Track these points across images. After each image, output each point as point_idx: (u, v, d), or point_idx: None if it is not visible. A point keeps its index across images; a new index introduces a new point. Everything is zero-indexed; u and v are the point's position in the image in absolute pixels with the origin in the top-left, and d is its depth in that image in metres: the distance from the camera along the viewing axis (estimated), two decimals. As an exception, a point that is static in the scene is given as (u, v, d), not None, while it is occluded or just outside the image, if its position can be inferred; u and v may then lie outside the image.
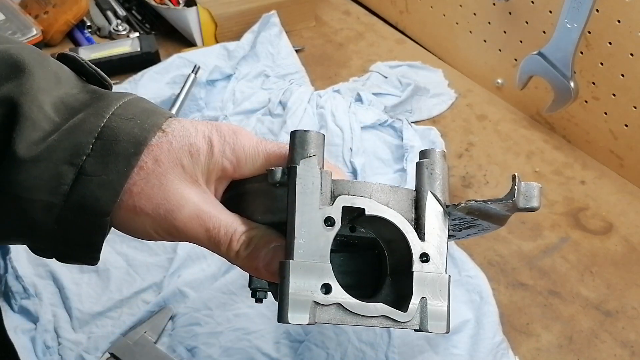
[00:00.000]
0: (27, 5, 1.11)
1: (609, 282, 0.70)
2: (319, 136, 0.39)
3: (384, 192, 0.39)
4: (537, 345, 0.64)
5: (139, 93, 0.91)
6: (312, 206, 0.37)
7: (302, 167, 0.37)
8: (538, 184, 0.39)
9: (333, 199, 0.38)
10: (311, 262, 0.36)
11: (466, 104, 0.97)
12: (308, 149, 0.38)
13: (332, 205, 0.37)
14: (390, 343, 0.58)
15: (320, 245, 0.36)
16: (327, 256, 0.36)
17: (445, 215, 0.39)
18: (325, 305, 0.36)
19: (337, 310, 0.36)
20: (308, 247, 0.36)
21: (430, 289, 0.38)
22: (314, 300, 0.36)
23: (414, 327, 0.38)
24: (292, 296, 0.35)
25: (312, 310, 0.36)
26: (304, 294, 0.36)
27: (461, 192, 0.81)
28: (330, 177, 0.38)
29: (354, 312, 0.36)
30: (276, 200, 0.39)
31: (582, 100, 0.85)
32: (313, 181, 0.37)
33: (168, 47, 1.05)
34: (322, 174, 0.38)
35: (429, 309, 0.38)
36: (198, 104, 0.90)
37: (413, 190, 0.40)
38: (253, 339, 0.60)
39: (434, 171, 0.40)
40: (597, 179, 0.84)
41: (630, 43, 0.75)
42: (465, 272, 0.67)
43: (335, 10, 1.22)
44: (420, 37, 1.13)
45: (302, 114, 0.83)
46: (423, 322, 0.38)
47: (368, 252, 0.42)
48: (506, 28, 0.93)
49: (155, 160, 0.38)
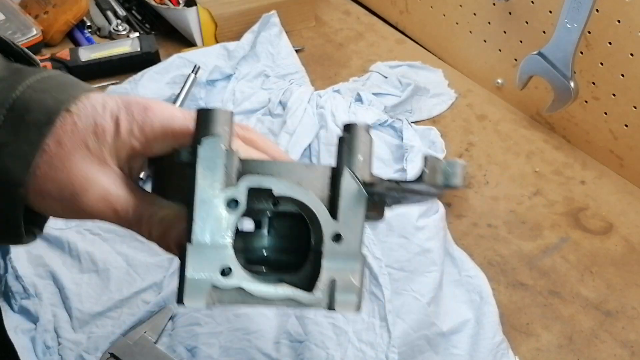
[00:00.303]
0: (27, 5, 1.11)
1: (609, 282, 0.70)
2: (225, 114, 0.36)
3: (296, 171, 0.37)
4: (537, 345, 0.64)
5: (139, 93, 0.92)
6: (214, 188, 0.36)
7: (204, 147, 0.36)
8: (462, 161, 0.34)
9: (239, 177, 0.36)
10: (211, 245, 0.35)
11: (466, 104, 0.97)
12: (212, 128, 0.36)
13: (236, 186, 0.36)
14: (390, 343, 0.58)
15: (221, 227, 0.36)
16: (228, 239, 0.36)
17: (362, 193, 0.37)
18: (226, 290, 0.36)
19: (238, 292, 0.36)
20: (208, 229, 0.36)
21: (341, 269, 0.37)
22: (213, 284, 0.35)
23: (321, 307, 0.37)
24: (189, 280, 0.35)
25: (211, 294, 0.35)
26: (202, 277, 0.35)
27: (461, 192, 0.81)
28: (238, 157, 0.36)
29: (253, 296, 0.36)
30: (186, 180, 0.36)
31: (582, 100, 0.85)
32: (216, 162, 0.36)
33: (168, 47, 1.05)
34: (227, 154, 0.36)
35: (338, 290, 0.37)
36: (198, 104, 0.90)
37: (331, 168, 0.38)
38: (253, 339, 0.60)
39: (353, 147, 0.38)
40: (597, 179, 0.84)
41: (630, 43, 0.75)
42: (465, 272, 0.67)
43: (335, 10, 1.22)
44: (420, 37, 1.13)
45: (302, 114, 0.83)
46: (331, 302, 0.37)
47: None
48: (506, 28, 0.93)
49: (58, 142, 0.36)
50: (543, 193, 0.82)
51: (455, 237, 0.73)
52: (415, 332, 0.60)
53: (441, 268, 0.64)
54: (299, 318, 0.61)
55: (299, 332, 0.60)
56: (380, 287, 0.60)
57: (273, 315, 0.63)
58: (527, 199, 0.81)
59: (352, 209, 0.37)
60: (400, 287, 0.62)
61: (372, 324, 0.59)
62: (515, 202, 0.80)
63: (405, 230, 0.64)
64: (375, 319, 0.59)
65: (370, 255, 0.62)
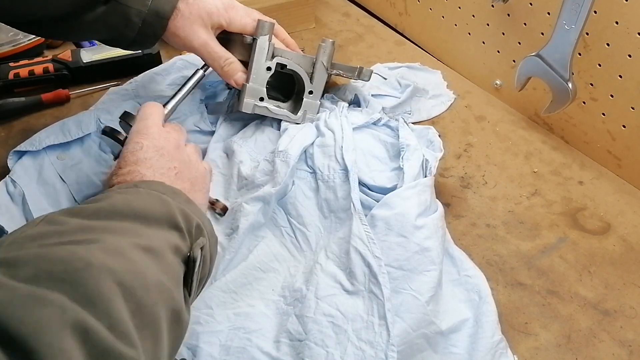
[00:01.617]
0: (28, 7, 1.11)
1: (607, 281, 0.71)
2: (270, 25, 0.77)
3: (298, 58, 0.80)
4: (535, 345, 0.64)
5: (140, 94, 0.92)
6: (262, 60, 0.78)
7: (260, 40, 0.77)
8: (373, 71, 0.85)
9: (273, 57, 0.79)
10: (256, 86, 0.78)
11: (465, 105, 0.98)
12: (263, 31, 0.77)
13: (272, 61, 0.79)
14: (389, 342, 0.58)
15: (262, 78, 0.79)
16: (264, 84, 0.79)
17: (325, 72, 0.81)
18: (259, 106, 0.79)
19: (264, 109, 0.79)
20: (256, 79, 0.78)
21: (310, 107, 0.81)
22: (255, 104, 0.79)
23: (298, 121, 0.80)
24: (245, 100, 0.78)
25: (253, 107, 0.79)
26: (250, 101, 0.79)
27: (460, 193, 0.82)
28: (274, 46, 0.78)
29: (271, 111, 0.79)
30: (247, 51, 0.79)
31: (580, 101, 0.86)
32: (265, 47, 0.78)
33: (169, 49, 1.06)
34: (270, 45, 0.78)
35: (308, 116, 0.81)
36: (198, 104, 0.90)
37: (314, 58, 0.80)
38: (253, 337, 0.61)
39: (325, 50, 0.80)
40: (595, 179, 0.85)
41: (628, 44, 0.76)
42: (464, 272, 0.68)
43: (334, 12, 1.23)
44: (420, 39, 1.14)
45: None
46: (303, 119, 0.81)
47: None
48: (505, 30, 0.94)
49: (187, 13, 0.74)
50: (541, 193, 0.82)
51: (454, 237, 0.73)
52: (414, 331, 0.60)
53: (440, 267, 0.64)
54: (298, 317, 0.61)
55: (298, 330, 0.60)
56: (380, 285, 0.60)
57: (273, 314, 0.63)
58: (525, 199, 0.81)
59: (320, 79, 0.81)
60: (399, 286, 0.62)
61: (371, 322, 0.59)
62: (513, 202, 0.81)
63: (404, 229, 0.64)
64: (374, 318, 0.60)
65: (370, 254, 0.63)
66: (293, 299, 0.63)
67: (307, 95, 0.80)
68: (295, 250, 0.70)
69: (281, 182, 0.70)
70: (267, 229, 0.71)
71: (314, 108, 0.81)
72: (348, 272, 0.63)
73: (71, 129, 0.82)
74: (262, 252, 0.69)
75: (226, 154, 0.80)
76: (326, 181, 0.71)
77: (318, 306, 0.61)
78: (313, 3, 1.14)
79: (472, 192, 0.82)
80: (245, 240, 0.69)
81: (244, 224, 0.68)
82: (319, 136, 0.75)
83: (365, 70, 0.81)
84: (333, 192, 0.71)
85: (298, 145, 0.72)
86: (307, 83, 0.80)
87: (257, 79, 0.78)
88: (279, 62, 0.78)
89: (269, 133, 0.80)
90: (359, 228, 0.65)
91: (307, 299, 0.62)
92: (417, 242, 0.64)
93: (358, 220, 0.66)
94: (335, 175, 0.71)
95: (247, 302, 0.64)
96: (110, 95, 0.92)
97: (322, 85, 0.81)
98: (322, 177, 0.72)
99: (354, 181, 0.69)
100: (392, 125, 0.79)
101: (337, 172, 0.71)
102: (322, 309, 0.61)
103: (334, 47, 0.80)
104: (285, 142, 0.74)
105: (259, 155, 0.77)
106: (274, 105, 0.80)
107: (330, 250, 0.66)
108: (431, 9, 1.08)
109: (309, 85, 0.80)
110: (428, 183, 0.70)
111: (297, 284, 0.64)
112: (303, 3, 1.12)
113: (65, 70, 0.97)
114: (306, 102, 0.80)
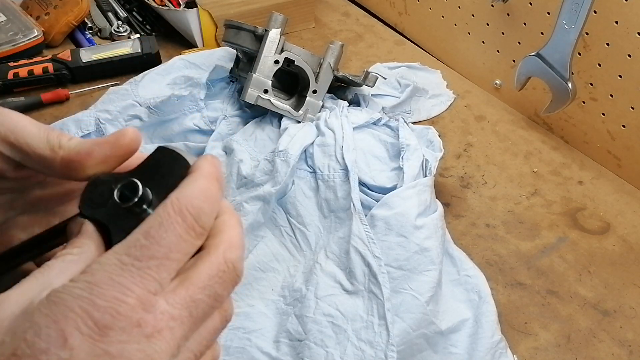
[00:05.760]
0: (28, 7, 1.11)
1: (607, 281, 0.71)
2: (284, 18, 0.80)
3: (306, 55, 0.81)
4: (535, 345, 0.64)
5: (140, 94, 0.92)
6: (271, 52, 0.79)
7: (272, 32, 0.79)
8: (379, 75, 0.88)
9: (282, 52, 0.79)
10: (261, 78, 0.78)
11: (465, 105, 0.98)
12: (276, 24, 0.79)
13: (281, 55, 0.79)
14: (389, 342, 0.58)
15: (268, 71, 0.79)
16: (270, 77, 0.79)
17: (331, 73, 0.82)
18: (263, 98, 0.78)
19: (267, 102, 0.79)
20: (262, 71, 0.78)
21: (312, 106, 0.81)
22: (259, 95, 0.78)
23: (300, 119, 0.80)
24: (249, 90, 0.78)
25: (256, 99, 0.78)
26: (255, 91, 0.78)
27: (459, 192, 0.82)
28: (284, 40, 0.79)
29: (274, 105, 0.79)
30: (257, 42, 0.80)
31: (580, 101, 0.86)
32: (275, 40, 0.79)
33: (169, 49, 1.06)
34: (280, 38, 0.79)
35: (308, 115, 0.81)
36: (198, 104, 0.90)
37: (322, 58, 0.82)
38: (253, 337, 0.61)
39: (333, 51, 0.82)
40: (594, 179, 0.85)
41: (628, 44, 0.76)
42: (464, 272, 0.68)
43: (334, 11, 1.23)
44: (419, 39, 1.13)
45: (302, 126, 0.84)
46: (304, 118, 0.80)
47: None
48: (504, 29, 0.94)
49: None
50: (541, 193, 0.82)
51: (453, 237, 0.73)
52: (414, 331, 0.60)
53: (440, 267, 0.64)
54: (298, 317, 0.61)
55: (298, 330, 0.60)
56: (379, 285, 0.60)
57: (273, 314, 0.63)
58: (525, 199, 0.81)
59: (325, 79, 0.82)
60: (399, 285, 0.62)
61: (371, 322, 0.59)
62: (513, 202, 0.81)
63: (403, 229, 0.64)
64: (374, 318, 0.60)
65: (369, 254, 0.63)
66: (293, 299, 0.63)
67: (311, 94, 0.80)
68: (295, 250, 0.70)
69: (281, 181, 0.70)
70: (267, 229, 0.71)
71: (315, 108, 0.81)
72: (348, 272, 0.63)
73: (70, 129, 0.82)
74: (262, 251, 0.69)
75: (225, 152, 0.80)
76: (326, 181, 0.71)
77: (318, 306, 0.61)
78: (313, 3, 1.14)
79: (471, 192, 0.82)
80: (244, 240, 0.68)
81: (244, 223, 0.68)
82: (319, 135, 0.75)
83: (371, 75, 0.83)
84: (333, 191, 0.71)
85: (298, 144, 0.72)
86: (312, 82, 0.80)
87: (263, 71, 0.78)
88: (287, 56, 0.79)
89: (269, 132, 0.80)
90: (358, 228, 0.65)
91: (307, 299, 0.62)
92: (417, 242, 0.64)
93: (358, 220, 0.66)
94: (335, 174, 0.71)
95: (247, 302, 0.64)
96: (110, 94, 0.92)
97: (327, 86, 0.82)
98: (322, 177, 0.72)
99: (354, 181, 0.69)
100: (392, 125, 0.79)
101: (337, 171, 0.71)
102: (322, 308, 0.61)
103: (342, 50, 0.82)
104: (285, 142, 0.74)
105: (259, 154, 0.77)
106: (277, 100, 0.80)
107: (330, 250, 0.66)
108: (431, 9, 1.08)
109: (313, 84, 0.80)
110: (428, 183, 0.70)
111: (297, 284, 0.64)
112: (302, 3, 1.12)
113: (64, 70, 0.97)
114: (309, 101, 0.80)
